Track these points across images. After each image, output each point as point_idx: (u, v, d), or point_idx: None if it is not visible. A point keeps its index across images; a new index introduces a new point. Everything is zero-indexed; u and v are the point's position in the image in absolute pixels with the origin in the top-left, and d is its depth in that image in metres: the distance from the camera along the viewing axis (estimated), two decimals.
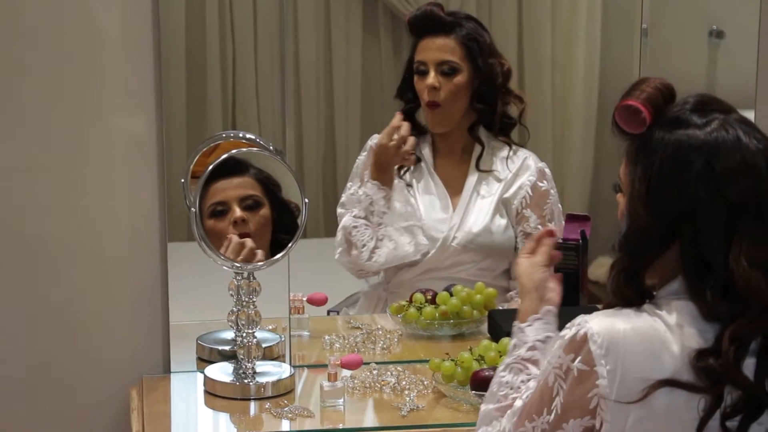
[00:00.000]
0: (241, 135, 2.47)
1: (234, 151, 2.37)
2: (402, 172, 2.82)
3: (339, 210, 2.85)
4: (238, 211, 2.41)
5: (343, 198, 2.85)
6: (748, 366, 1.54)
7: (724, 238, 1.55)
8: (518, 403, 1.65)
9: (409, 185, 2.82)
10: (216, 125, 2.86)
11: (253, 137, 2.45)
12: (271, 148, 2.43)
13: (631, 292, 1.61)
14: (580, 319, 1.60)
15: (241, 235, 2.39)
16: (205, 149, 2.41)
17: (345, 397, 2.29)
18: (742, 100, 1.65)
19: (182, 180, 2.41)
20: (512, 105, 2.83)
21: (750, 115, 1.64)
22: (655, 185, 1.57)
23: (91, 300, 2.51)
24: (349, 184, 2.86)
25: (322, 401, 2.27)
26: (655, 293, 1.63)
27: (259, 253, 2.36)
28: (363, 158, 2.85)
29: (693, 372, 1.53)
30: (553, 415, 1.58)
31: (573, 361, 1.56)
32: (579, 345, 1.56)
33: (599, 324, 1.57)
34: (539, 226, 2.79)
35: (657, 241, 1.58)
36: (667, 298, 1.60)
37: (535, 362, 1.72)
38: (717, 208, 1.55)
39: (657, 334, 1.55)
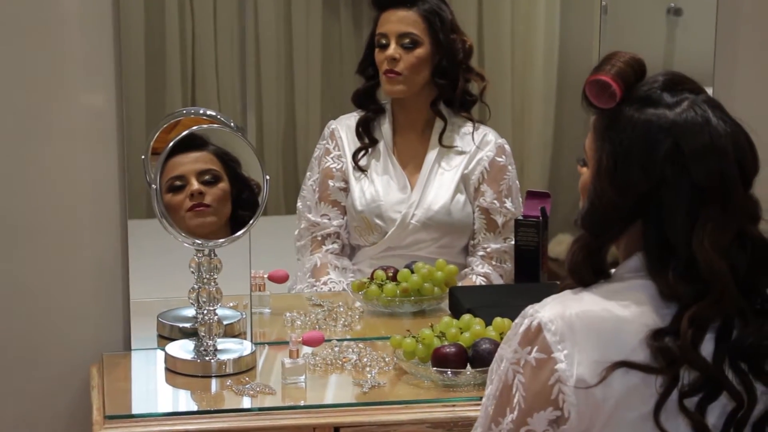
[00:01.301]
0: (201, 111, 2.46)
1: (195, 127, 2.36)
2: (359, 155, 2.82)
3: (299, 204, 2.85)
4: (195, 184, 2.40)
5: (303, 191, 2.85)
6: (706, 346, 1.55)
7: (689, 220, 1.55)
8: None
9: (364, 170, 2.82)
10: (175, 102, 2.85)
11: (213, 114, 2.44)
12: (231, 124, 2.42)
13: (587, 271, 1.60)
14: (531, 309, 1.59)
15: (195, 206, 2.39)
16: (165, 125, 2.39)
17: (306, 374, 2.29)
18: (700, 77, 1.65)
19: (143, 156, 2.40)
20: (473, 82, 2.84)
21: (708, 92, 1.64)
22: (623, 163, 1.56)
23: (51, 277, 2.50)
24: (308, 174, 2.86)
25: (283, 378, 2.28)
26: (612, 271, 1.64)
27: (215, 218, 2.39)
28: (321, 146, 2.85)
29: (649, 351, 1.53)
30: (516, 411, 1.56)
31: (530, 353, 1.55)
32: (534, 336, 1.56)
33: (551, 311, 1.56)
34: (495, 201, 2.80)
35: (620, 218, 1.58)
36: (625, 276, 1.60)
37: None
38: (683, 189, 1.54)
39: (610, 315, 1.55)
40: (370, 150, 2.83)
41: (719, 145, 1.55)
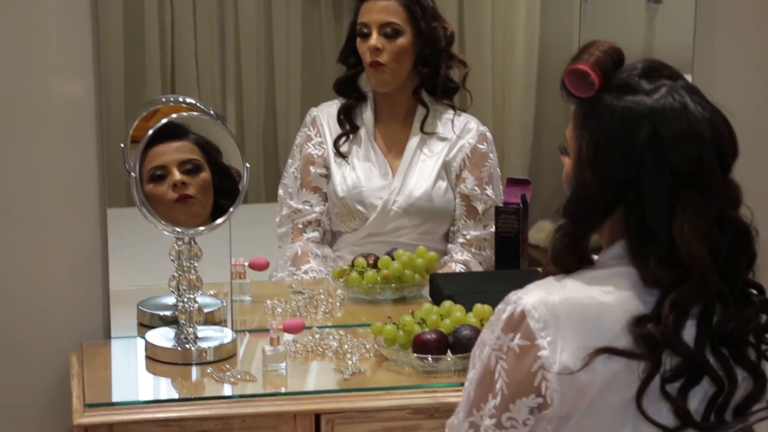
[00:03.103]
0: (181, 99, 2.44)
1: (174, 115, 2.36)
2: (340, 142, 2.82)
3: (280, 191, 2.84)
4: (177, 175, 2.40)
5: (285, 178, 2.84)
6: (688, 332, 1.55)
7: (669, 205, 1.55)
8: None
9: (345, 156, 2.81)
10: (155, 90, 2.84)
11: (193, 102, 2.43)
12: (211, 112, 2.41)
13: (571, 259, 1.61)
14: (514, 296, 1.59)
15: (182, 198, 2.38)
16: (145, 113, 2.38)
17: (287, 361, 2.29)
18: (679, 64, 1.65)
19: (122, 144, 2.39)
20: (455, 69, 2.84)
21: (687, 79, 1.64)
22: (603, 150, 1.57)
23: (30, 266, 2.49)
24: (289, 162, 2.85)
25: (264, 365, 2.27)
26: (595, 257, 1.64)
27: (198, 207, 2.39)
28: (303, 133, 2.85)
29: (631, 338, 1.53)
30: (499, 397, 1.56)
31: (513, 339, 1.55)
32: (517, 323, 1.56)
33: (534, 298, 1.56)
34: (476, 188, 2.80)
35: (602, 206, 1.58)
36: (608, 263, 1.60)
37: None
38: (662, 175, 1.55)
39: (593, 301, 1.55)
40: (351, 136, 2.83)
41: (697, 131, 1.56)
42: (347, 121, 2.83)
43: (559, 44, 3.01)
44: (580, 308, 1.55)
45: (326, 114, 2.85)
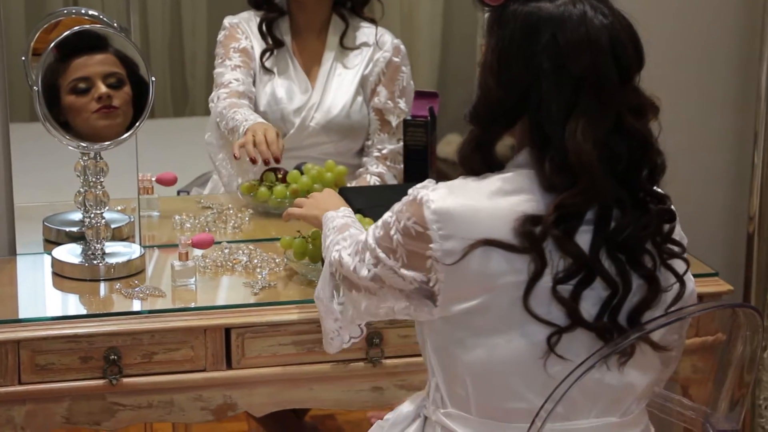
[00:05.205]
0: (83, 11, 2.40)
1: (77, 28, 2.30)
2: (264, 57, 2.77)
3: (215, 74, 2.78)
4: (102, 88, 2.36)
5: (217, 68, 2.78)
6: (585, 236, 1.59)
7: (565, 111, 1.58)
8: (370, 229, 1.73)
9: (270, 71, 2.78)
10: (56, 1, 2.77)
11: (95, 14, 2.39)
12: (114, 25, 2.37)
13: (477, 164, 1.66)
14: (427, 182, 1.66)
15: (106, 108, 2.35)
16: (46, 26, 2.34)
17: (196, 276, 2.29)
18: None
19: (23, 58, 2.34)
20: None
21: None
22: (505, 56, 1.60)
23: None
24: (218, 60, 2.77)
25: (173, 281, 2.27)
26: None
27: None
28: (222, 36, 2.79)
29: (514, 235, 1.58)
30: (399, 261, 1.65)
31: (409, 219, 1.62)
32: (416, 208, 1.62)
33: (437, 194, 1.62)
34: (389, 102, 2.80)
35: (506, 112, 1.62)
36: (512, 169, 1.64)
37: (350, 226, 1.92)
38: (560, 81, 1.58)
39: (491, 203, 1.60)
40: (275, 52, 2.78)
41: (594, 38, 1.58)
42: (269, 35, 2.79)
43: None
44: (476, 209, 1.60)
45: (247, 25, 2.80)
